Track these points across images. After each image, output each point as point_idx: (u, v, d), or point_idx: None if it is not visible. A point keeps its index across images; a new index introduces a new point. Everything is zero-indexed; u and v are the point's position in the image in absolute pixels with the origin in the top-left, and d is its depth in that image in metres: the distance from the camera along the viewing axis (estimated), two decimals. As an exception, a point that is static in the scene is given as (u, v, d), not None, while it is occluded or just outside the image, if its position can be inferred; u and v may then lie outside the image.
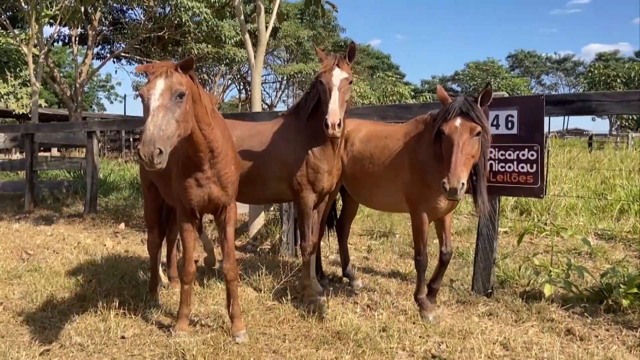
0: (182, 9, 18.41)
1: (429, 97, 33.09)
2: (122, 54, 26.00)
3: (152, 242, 4.68)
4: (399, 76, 35.07)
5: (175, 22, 20.94)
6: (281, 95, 42.01)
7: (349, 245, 5.43)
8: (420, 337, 3.70)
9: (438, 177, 3.73)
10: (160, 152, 2.81)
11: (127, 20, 25.72)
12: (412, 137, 4.10)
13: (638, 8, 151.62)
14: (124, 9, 25.63)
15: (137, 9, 24.41)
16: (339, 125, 3.74)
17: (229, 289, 3.78)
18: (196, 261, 4.45)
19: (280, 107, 42.42)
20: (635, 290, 4.08)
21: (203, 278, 5.06)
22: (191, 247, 3.72)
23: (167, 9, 22.52)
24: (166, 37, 23.25)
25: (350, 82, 3.96)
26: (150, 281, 4.73)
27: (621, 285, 4.16)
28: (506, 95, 4.66)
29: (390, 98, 25.93)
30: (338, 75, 3.89)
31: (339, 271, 5.43)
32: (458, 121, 3.51)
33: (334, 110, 3.74)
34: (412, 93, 32.19)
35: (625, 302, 4.07)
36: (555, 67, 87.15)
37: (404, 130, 4.25)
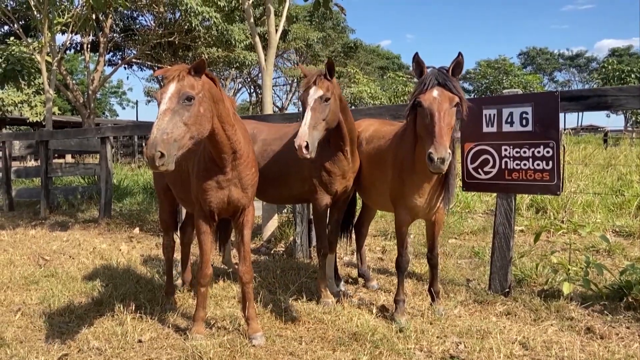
0: (192, 14, 18.50)
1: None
2: (134, 60, 26.21)
3: (167, 245, 4.71)
4: (409, 76, 34.90)
5: (186, 27, 21.06)
6: (292, 97, 42.08)
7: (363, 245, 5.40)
8: (437, 337, 3.67)
9: (413, 175, 3.77)
10: (162, 155, 2.81)
11: (137, 26, 25.94)
12: (396, 135, 4.08)
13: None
14: (135, 15, 25.88)
15: (147, 15, 24.59)
16: (306, 147, 3.60)
17: (244, 291, 3.77)
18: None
19: (291, 109, 42.50)
20: (655, 287, 4.02)
21: (219, 280, 5.07)
22: (208, 250, 3.71)
23: (177, 14, 22.67)
24: (177, 42, 23.41)
25: (327, 100, 3.80)
26: (166, 285, 4.75)
27: (641, 282, 4.10)
28: (520, 92, 4.61)
29: (402, 98, 25.86)
30: (313, 95, 3.78)
31: (353, 272, 5.41)
32: (435, 92, 3.40)
33: (302, 133, 3.62)
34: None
35: (646, 300, 4.01)
36: (567, 63, 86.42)
37: (396, 129, 4.21)
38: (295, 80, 37.06)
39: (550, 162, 4.25)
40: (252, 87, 39.09)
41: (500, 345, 3.42)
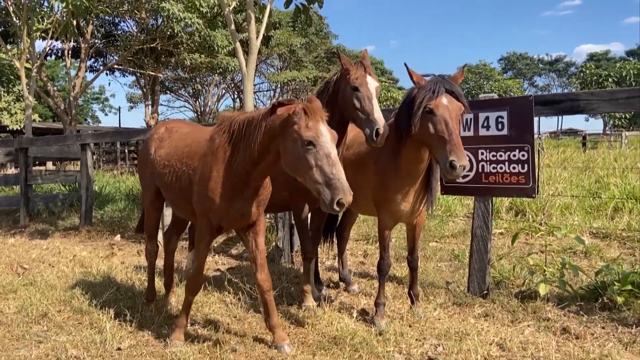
0: (174, 20, 18.43)
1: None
2: (115, 66, 26.05)
3: (151, 250, 4.63)
4: (392, 81, 35.20)
5: (168, 33, 20.96)
6: (275, 103, 42.04)
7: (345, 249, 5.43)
8: (416, 339, 3.71)
9: (397, 180, 3.80)
10: None
11: (119, 32, 25.77)
12: None
13: (629, 8, 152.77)
14: (116, 21, 25.71)
15: (129, 21, 24.47)
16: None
17: (265, 300, 3.66)
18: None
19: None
20: (629, 287, 4.10)
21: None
22: (204, 259, 3.67)
23: (159, 20, 22.58)
24: (159, 48, 23.30)
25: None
26: (147, 291, 4.70)
27: (615, 283, 4.18)
28: (496, 96, 4.69)
29: (384, 103, 26.03)
30: (373, 84, 3.81)
31: (335, 277, 5.44)
32: (445, 99, 3.45)
33: (382, 119, 3.63)
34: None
35: (620, 300, 4.08)
36: (547, 68, 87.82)
37: None
38: (279, 86, 37.11)
39: (526, 166, 4.32)
40: (235, 92, 39.03)
41: (478, 347, 3.47)
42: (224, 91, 40.68)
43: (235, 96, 39.77)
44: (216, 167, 3.42)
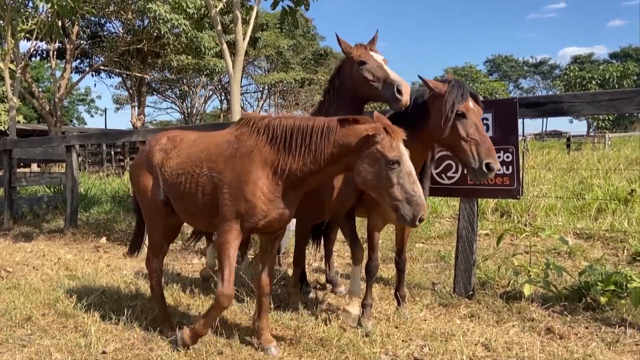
0: (161, 21, 18.32)
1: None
2: (101, 67, 25.85)
3: (157, 268, 4.11)
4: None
5: (154, 34, 20.85)
6: (263, 104, 42.05)
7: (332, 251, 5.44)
8: (403, 341, 3.72)
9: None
10: None
11: (105, 33, 25.60)
12: None
13: (613, 11, 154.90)
14: (102, 22, 25.53)
15: (115, 22, 24.31)
16: None
17: (262, 302, 3.65)
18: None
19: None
20: (612, 287, 4.15)
21: (185, 289, 5.04)
22: (234, 265, 3.47)
23: (146, 21, 22.46)
24: (145, 49, 23.18)
25: None
26: (159, 315, 4.14)
27: (599, 283, 4.23)
28: (481, 98, 4.72)
29: (372, 105, 26.06)
30: (378, 57, 3.89)
31: (322, 278, 5.45)
32: (471, 102, 3.54)
33: None
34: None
35: (603, 300, 4.14)
36: (532, 70, 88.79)
37: None
38: (266, 87, 37.06)
39: (510, 167, 4.37)
40: (222, 94, 38.92)
41: (464, 347, 3.50)
42: (211, 93, 40.54)
43: (223, 98, 39.64)
44: (254, 170, 3.32)
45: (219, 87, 38.03)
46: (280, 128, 3.36)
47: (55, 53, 22.59)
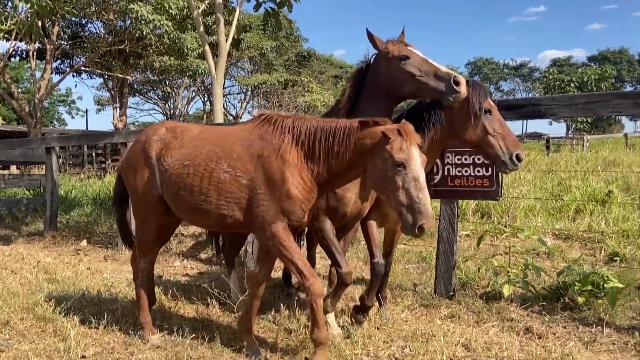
0: (143, 22, 18.20)
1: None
2: (82, 68, 25.58)
3: (143, 268, 4.04)
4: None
5: (136, 35, 20.72)
6: (246, 106, 41.93)
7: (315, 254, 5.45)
8: (384, 342, 3.74)
9: None
10: None
11: (86, 34, 25.34)
12: None
13: (592, 15, 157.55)
14: (84, 22, 25.26)
15: (96, 22, 24.07)
16: None
17: (253, 303, 3.66)
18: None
19: (247, 118, 42.24)
20: (590, 287, 4.21)
21: (167, 293, 5.01)
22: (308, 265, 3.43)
23: (128, 22, 22.31)
24: (127, 50, 23.00)
25: None
26: (142, 317, 4.03)
27: (576, 283, 4.29)
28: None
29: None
30: (419, 52, 3.78)
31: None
32: (489, 99, 3.69)
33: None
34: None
35: (580, 300, 4.20)
36: (512, 73, 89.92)
37: None
38: (250, 89, 36.97)
39: (490, 169, 4.42)
40: (205, 95, 38.74)
41: (444, 348, 3.53)
42: (194, 94, 40.34)
43: (206, 99, 39.49)
44: (289, 171, 3.29)
45: (202, 88, 37.86)
46: (305, 128, 3.34)
47: (35, 53, 22.31)
